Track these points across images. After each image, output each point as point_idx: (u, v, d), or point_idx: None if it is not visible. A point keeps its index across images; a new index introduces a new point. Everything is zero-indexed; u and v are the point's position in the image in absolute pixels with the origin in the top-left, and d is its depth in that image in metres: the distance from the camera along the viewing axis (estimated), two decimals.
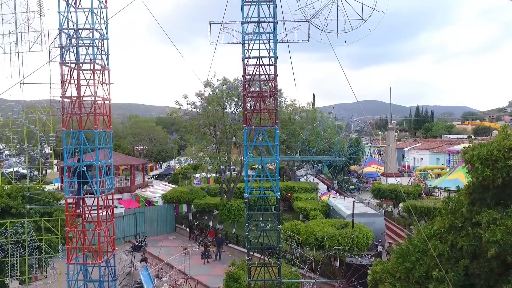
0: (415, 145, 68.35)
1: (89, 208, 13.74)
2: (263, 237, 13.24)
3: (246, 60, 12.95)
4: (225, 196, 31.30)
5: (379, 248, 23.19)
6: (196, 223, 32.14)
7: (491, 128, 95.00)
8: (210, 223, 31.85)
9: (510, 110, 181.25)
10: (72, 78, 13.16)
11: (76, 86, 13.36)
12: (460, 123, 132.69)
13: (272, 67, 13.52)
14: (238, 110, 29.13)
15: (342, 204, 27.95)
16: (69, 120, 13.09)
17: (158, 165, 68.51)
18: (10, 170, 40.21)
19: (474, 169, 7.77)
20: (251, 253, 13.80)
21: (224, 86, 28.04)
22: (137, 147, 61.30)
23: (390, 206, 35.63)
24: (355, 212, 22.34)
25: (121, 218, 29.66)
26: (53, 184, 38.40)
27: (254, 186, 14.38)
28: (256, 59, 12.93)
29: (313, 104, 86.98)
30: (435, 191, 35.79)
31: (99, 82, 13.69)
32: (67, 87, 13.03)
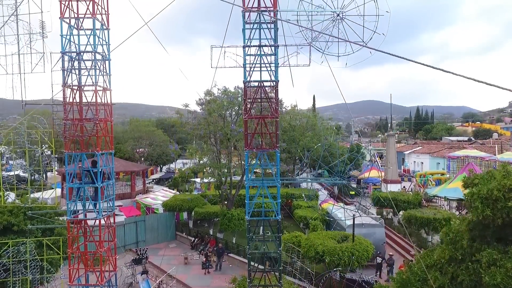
0: (415, 149, 68.42)
1: (91, 229, 13.82)
2: (264, 259, 13.30)
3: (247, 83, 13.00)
4: (226, 203, 31.37)
5: (379, 260, 23.27)
6: (196, 230, 32.24)
7: (491, 131, 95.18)
8: (211, 231, 31.92)
9: (510, 110, 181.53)
10: (74, 100, 13.22)
11: (78, 107, 13.41)
12: (460, 124, 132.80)
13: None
14: (238, 118, 29.17)
15: (343, 214, 27.96)
16: (71, 142, 13.16)
17: (159, 168, 68.58)
18: (11, 173, 40.35)
19: (474, 208, 7.82)
20: (253, 272, 13.87)
21: (225, 96, 28.10)
22: (137, 150, 61.39)
23: (390, 214, 35.71)
24: (355, 222, 22.36)
25: (121, 226, 29.72)
26: (54, 189, 38.50)
27: (254, 193, 14.35)
28: (258, 82, 12.98)
29: (314, 106, 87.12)
30: (435, 199, 35.85)
31: (101, 103, 13.76)
32: (69, 110, 13.10)
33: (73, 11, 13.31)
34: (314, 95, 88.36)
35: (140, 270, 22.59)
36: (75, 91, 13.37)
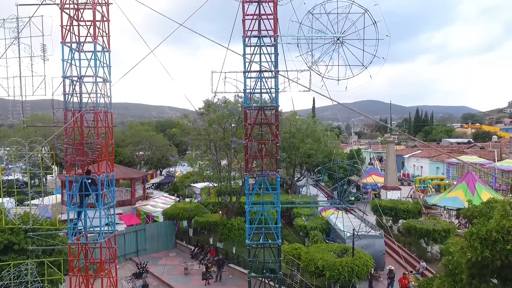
0: (414, 152, 68.49)
1: (92, 250, 13.88)
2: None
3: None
4: (225, 209, 31.39)
5: (373, 271, 23.30)
6: (196, 240, 32.28)
7: (491, 133, 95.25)
8: (211, 240, 31.96)
9: (510, 111, 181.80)
10: (76, 124, 13.27)
11: (80, 131, 13.47)
12: (460, 125, 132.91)
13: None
14: (238, 127, 29.19)
15: (342, 224, 27.99)
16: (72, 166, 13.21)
17: (158, 172, 68.53)
18: (11, 177, 40.30)
19: (473, 248, 7.87)
20: None
21: (225, 106, 28.18)
22: (137, 154, 61.37)
23: (390, 221, 35.75)
24: (354, 233, 22.38)
25: (122, 235, 29.74)
26: (54, 195, 38.48)
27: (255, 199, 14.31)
28: (258, 108, 13.03)
29: (313, 110, 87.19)
30: (435, 207, 35.90)
31: (102, 126, 13.81)
32: (71, 134, 13.15)
33: (74, 34, 13.37)
34: (314, 97, 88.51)
35: (141, 283, 22.66)
36: (76, 113, 13.42)
